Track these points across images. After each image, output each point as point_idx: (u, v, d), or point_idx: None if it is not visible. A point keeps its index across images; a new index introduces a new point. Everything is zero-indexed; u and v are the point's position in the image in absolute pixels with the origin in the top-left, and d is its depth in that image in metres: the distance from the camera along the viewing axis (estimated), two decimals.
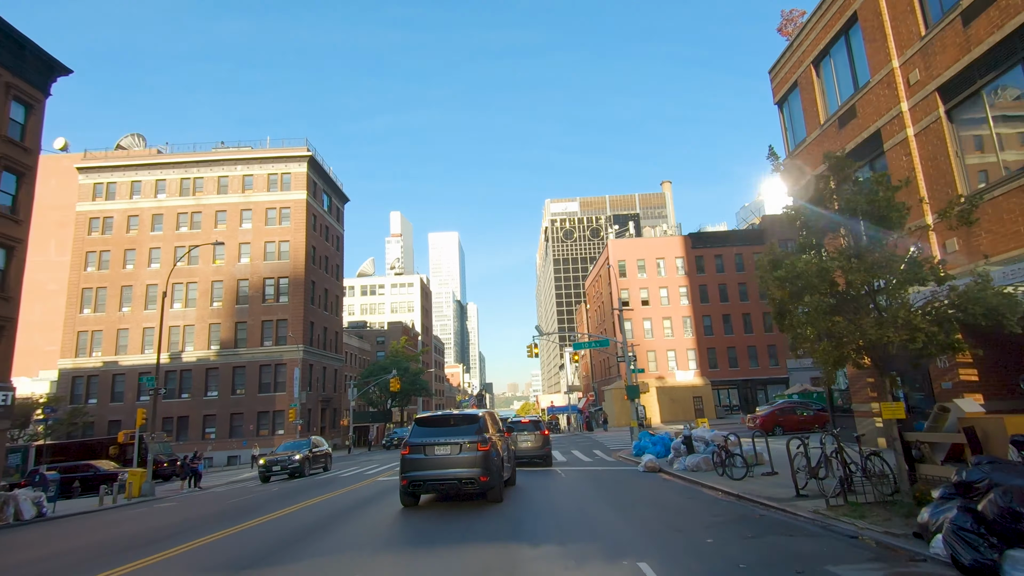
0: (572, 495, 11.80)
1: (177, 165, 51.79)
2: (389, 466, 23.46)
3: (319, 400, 51.03)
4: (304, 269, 49.29)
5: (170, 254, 49.96)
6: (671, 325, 50.02)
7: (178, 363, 47.89)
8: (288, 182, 51.41)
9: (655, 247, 48.08)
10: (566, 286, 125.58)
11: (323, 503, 13.07)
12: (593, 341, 23.32)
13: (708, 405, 47.26)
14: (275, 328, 48.19)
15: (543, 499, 11.29)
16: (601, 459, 20.55)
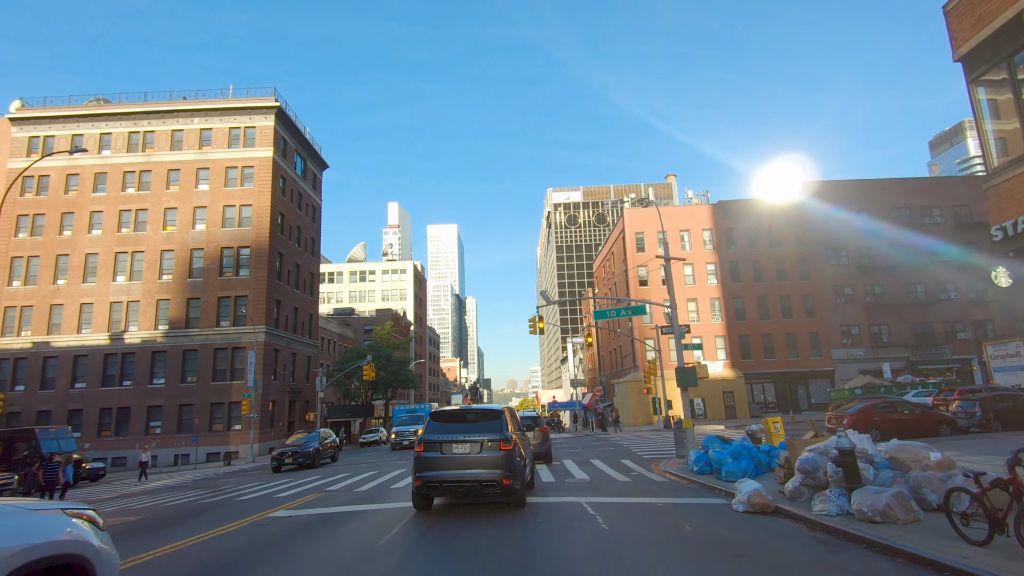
0: None
1: (125, 116, 44.64)
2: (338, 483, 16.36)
3: (286, 391, 44.02)
4: (269, 238, 42.18)
5: (114, 219, 42.94)
6: (697, 308, 42.95)
7: (119, 345, 40.89)
8: (252, 137, 44.27)
9: (678, 217, 41.15)
10: (569, 275, 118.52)
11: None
12: (623, 308, 16.23)
13: (740, 401, 40.26)
14: (233, 306, 41.15)
15: None
16: (641, 476, 13.60)
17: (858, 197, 44.55)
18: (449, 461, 9.18)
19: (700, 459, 12.87)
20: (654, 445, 22.38)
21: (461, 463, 9.15)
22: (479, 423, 9.68)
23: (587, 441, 27.46)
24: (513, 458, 9.27)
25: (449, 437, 9.36)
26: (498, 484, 9.01)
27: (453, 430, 9.52)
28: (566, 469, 15.09)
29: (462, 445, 9.23)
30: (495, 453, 9.12)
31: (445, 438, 9.36)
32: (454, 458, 9.18)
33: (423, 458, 9.30)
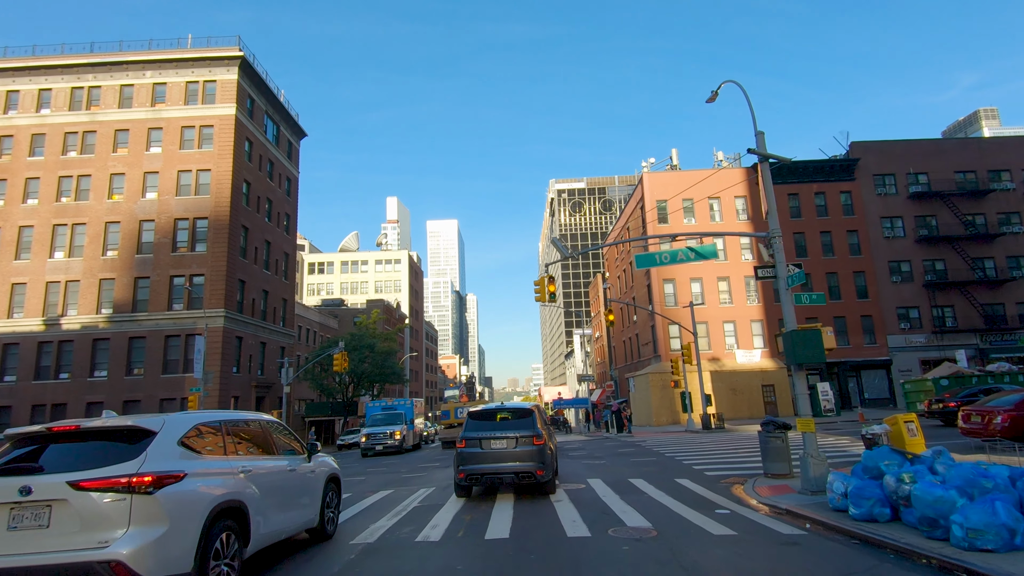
0: None
1: (67, 69, 38.69)
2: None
3: (252, 385, 38.08)
4: (230, 207, 36.20)
5: (52, 186, 37.05)
6: (729, 288, 36.83)
7: (56, 331, 35.02)
8: (212, 93, 38.27)
9: (707, 182, 35.14)
10: (574, 265, 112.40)
11: None
12: (681, 250, 10.23)
13: (783, 396, 34.19)
14: (188, 286, 35.19)
15: None
16: (740, 520, 8.08)
17: (915, 159, 38.40)
18: (488, 455, 10.02)
19: (863, 492, 6.86)
20: (702, 453, 16.42)
21: (499, 456, 9.99)
22: (513, 421, 10.49)
23: (609, 446, 21.42)
24: (544, 451, 10.07)
25: (487, 434, 10.22)
26: (532, 475, 9.81)
27: (490, 427, 10.36)
28: (602, 503, 9.07)
29: (499, 441, 10.12)
30: (529, 447, 9.97)
31: (484, 435, 10.21)
32: (492, 452, 10.03)
33: (465, 453, 10.12)
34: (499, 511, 8.63)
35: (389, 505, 9.95)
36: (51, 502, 4.25)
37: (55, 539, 4.19)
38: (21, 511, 4.25)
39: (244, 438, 6.08)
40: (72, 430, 4.80)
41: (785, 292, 9.53)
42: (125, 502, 4.31)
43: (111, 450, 4.65)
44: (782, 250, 9.65)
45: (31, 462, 4.57)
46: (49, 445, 4.76)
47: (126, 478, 4.37)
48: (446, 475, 14.61)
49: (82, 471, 4.37)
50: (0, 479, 4.38)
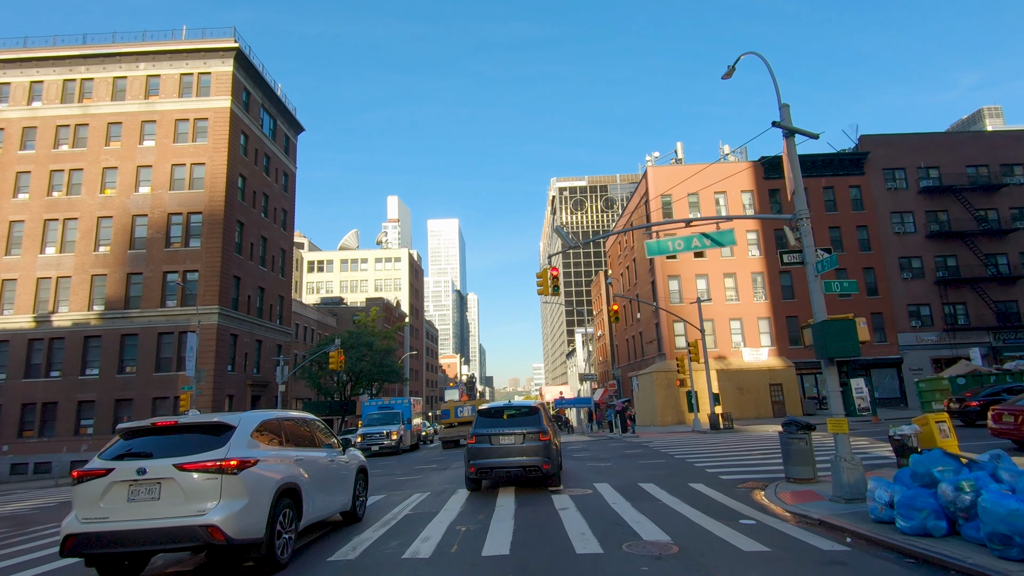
0: None
1: (59, 61, 37.90)
2: None
3: (248, 384, 37.27)
4: (225, 202, 35.38)
5: (44, 180, 36.30)
6: (735, 284, 35.92)
7: (46, 328, 34.24)
8: (207, 85, 37.43)
9: (713, 176, 34.23)
10: (575, 264, 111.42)
11: None
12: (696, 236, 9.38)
13: (791, 395, 33.26)
14: (182, 282, 34.39)
15: None
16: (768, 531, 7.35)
17: (926, 153, 37.46)
18: (496, 451, 10.47)
19: (914, 503, 6.01)
20: (714, 455, 15.57)
21: (507, 452, 10.43)
22: (520, 418, 11.04)
23: (614, 447, 20.55)
24: (550, 446, 10.57)
25: (496, 431, 10.63)
26: (539, 469, 10.30)
27: (499, 424, 10.83)
28: (612, 512, 8.21)
29: (507, 437, 10.56)
30: (535, 443, 10.45)
31: (492, 431, 10.63)
32: (501, 448, 10.48)
33: (475, 448, 10.59)
34: (498, 521, 7.78)
35: (378, 513, 9.11)
36: (160, 480, 5.39)
37: (164, 508, 5.33)
38: (137, 487, 5.41)
39: (295, 433, 7.21)
40: (171, 425, 5.90)
41: (814, 279, 8.68)
42: (216, 480, 5.43)
43: (202, 440, 5.73)
44: (810, 233, 8.81)
45: (143, 449, 5.68)
46: (153, 436, 5.85)
47: (217, 462, 5.49)
48: (443, 478, 13.78)
49: (183, 456, 5.51)
50: (120, 462, 5.52)
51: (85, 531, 5.31)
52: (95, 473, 5.47)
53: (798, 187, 8.73)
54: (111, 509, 5.36)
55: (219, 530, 5.24)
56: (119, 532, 5.26)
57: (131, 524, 5.27)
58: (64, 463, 32.63)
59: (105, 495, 5.40)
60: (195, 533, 5.23)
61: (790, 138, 8.87)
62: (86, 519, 5.38)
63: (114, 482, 5.40)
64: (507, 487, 11.21)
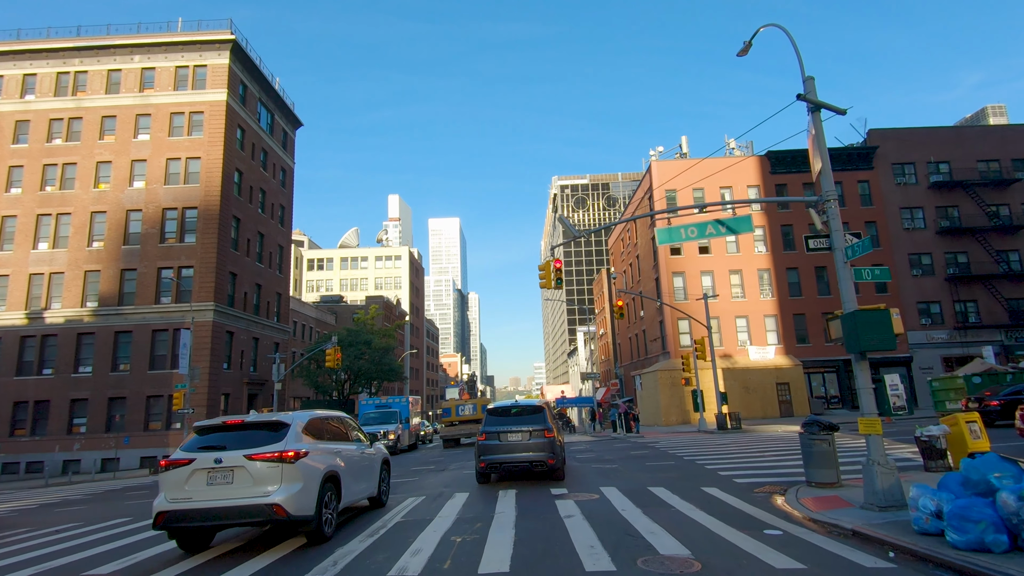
0: None
1: (53, 54, 37.26)
2: None
3: (244, 382, 36.62)
4: (220, 197, 34.72)
5: (37, 174, 35.69)
6: (742, 281, 35.16)
7: (39, 325, 33.64)
8: (203, 78, 36.78)
9: (718, 171, 33.48)
10: (577, 263, 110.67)
11: None
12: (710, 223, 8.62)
13: (799, 395, 32.50)
14: (176, 279, 33.76)
15: None
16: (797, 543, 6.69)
17: (936, 148, 36.68)
18: (505, 447, 11.30)
19: (969, 514, 5.32)
20: (724, 456, 14.88)
21: (515, 448, 11.26)
22: (526, 416, 11.76)
23: (619, 448, 19.83)
24: (555, 443, 11.40)
25: (504, 428, 11.44)
26: (544, 463, 11.10)
27: (506, 422, 11.63)
28: (622, 520, 7.51)
29: (515, 434, 11.34)
30: (541, 439, 11.24)
31: (501, 429, 11.43)
32: (509, 444, 11.30)
33: (485, 444, 11.42)
34: (497, 530, 7.07)
35: (367, 520, 8.42)
36: (233, 467, 6.43)
37: (237, 490, 6.36)
38: (215, 473, 6.45)
39: (332, 429, 8.29)
40: (239, 423, 6.99)
41: (843, 266, 7.96)
42: (278, 468, 6.47)
43: (263, 435, 6.80)
44: (838, 216, 8.09)
45: (216, 443, 6.72)
46: (223, 432, 6.93)
47: (278, 452, 6.53)
48: (440, 480, 13.08)
49: (250, 448, 6.55)
50: (201, 453, 6.59)
51: (173, 508, 6.45)
52: (180, 462, 6.64)
53: (825, 166, 8.02)
54: (193, 491, 6.50)
55: (282, 507, 6.36)
56: (201, 509, 6.39)
57: (211, 503, 6.41)
58: (56, 462, 32.02)
59: (188, 480, 6.55)
60: (263, 510, 6.34)
61: (816, 113, 8.15)
62: (173, 499, 6.51)
63: (196, 469, 6.56)
64: (508, 490, 10.52)
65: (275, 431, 6.89)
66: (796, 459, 13.36)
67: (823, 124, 8.21)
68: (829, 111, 8.16)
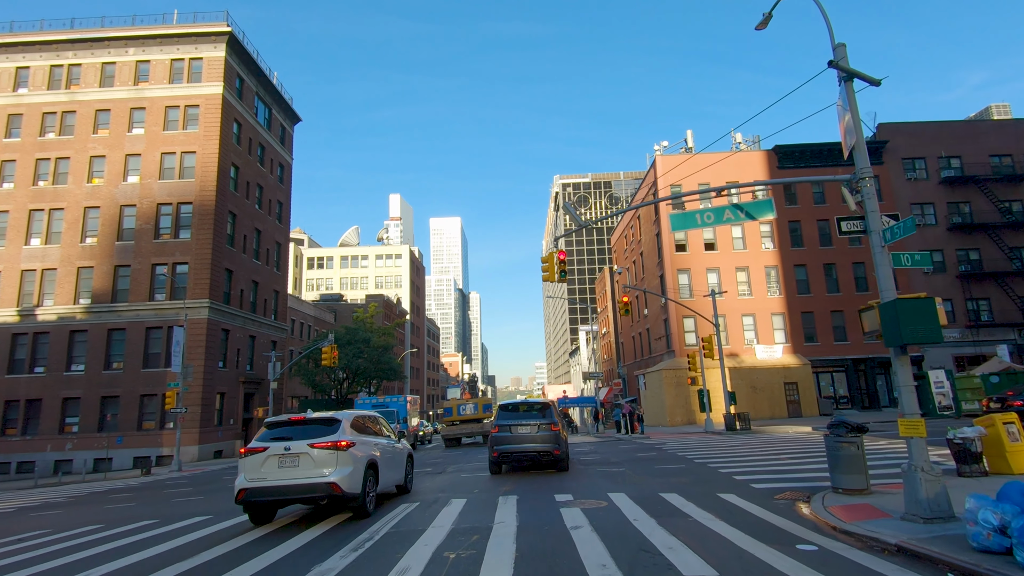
0: None
1: (46, 46, 36.62)
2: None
3: (240, 381, 35.94)
4: (216, 192, 34.05)
5: (29, 169, 35.07)
6: (748, 279, 34.38)
7: (31, 323, 33.00)
8: (198, 71, 36.10)
9: (725, 166, 32.70)
10: (579, 262, 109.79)
11: None
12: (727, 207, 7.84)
13: (807, 395, 31.71)
14: (171, 275, 33.10)
15: None
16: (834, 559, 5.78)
17: (947, 142, 35.86)
18: (516, 438, 12.75)
19: None
20: (736, 459, 14.15)
21: (524, 439, 12.72)
22: (534, 412, 13.14)
23: (625, 450, 19.07)
24: (560, 436, 12.89)
25: (515, 422, 12.93)
26: (550, 454, 12.68)
27: (517, 417, 13.10)
28: (636, 532, 6.80)
29: (524, 428, 12.83)
30: (548, 433, 12.72)
31: (512, 422, 12.94)
32: (519, 436, 12.75)
33: (497, 436, 12.90)
34: (496, 545, 6.33)
35: (354, 531, 7.68)
36: (299, 454, 8.01)
37: (301, 472, 7.95)
38: (284, 459, 8.05)
39: (369, 426, 9.77)
40: (301, 419, 8.59)
41: (881, 251, 7.22)
42: (334, 454, 8.06)
43: (321, 429, 8.41)
44: (874, 196, 7.35)
45: (284, 435, 8.29)
46: (289, 427, 8.51)
47: (334, 442, 8.14)
48: (436, 484, 12.34)
49: (312, 439, 8.16)
50: (272, 443, 8.18)
51: (251, 486, 7.93)
52: (256, 450, 8.17)
53: (859, 140, 7.26)
54: (268, 472, 8.00)
55: (337, 485, 7.87)
56: (274, 486, 7.90)
57: (282, 481, 7.91)
58: (48, 462, 31.38)
59: (264, 463, 8.04)
60: (323, 487, 7.84)
61: (848, 83, 7.39)
62: (251, 479, 8.00)
63: (269, 455, 8.06)
64: (509, 496, 9.78)
65: (329, 426, 8.50)
66: (815, 462, 12.61)
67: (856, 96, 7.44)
68: (863, 82, 7.39)
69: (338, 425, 8.47)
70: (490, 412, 29.48)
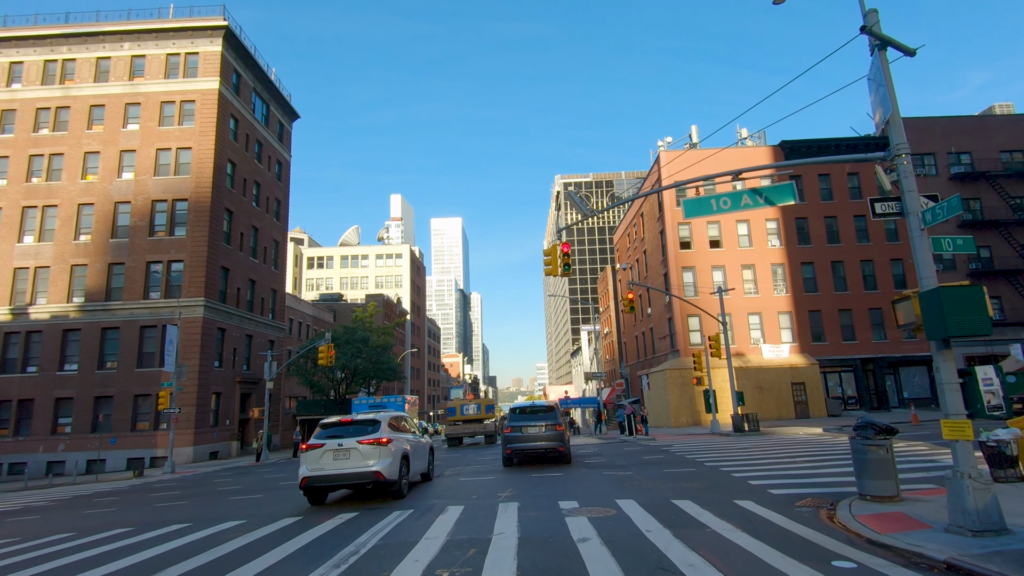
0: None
1: (40, 41, 36.07)
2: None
3: (236, 380, 35.30)
4: (212, 188, 33.44)
5: (22, 165, 34.49)
6: (754, 277, 33.67)
7: (23, 321, 32.41)
8: (194, 66, 35.51)
9: (730, 162, 32.04)
10: (581, 262, 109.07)
11: None
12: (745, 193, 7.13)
13: (815, 395, 30.98)
14: (166, 273, 32.51)
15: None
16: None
17: (957, 138, 35.15)
18: (525, 437, 14.84)
19: None
20: (748, 462, 13.51)
21: (533, 438, 14.82)
22: (541, 414, 15.32)
23: (631, 452, 18.39)
24: (564, 435, 15.01)
25: (524, 423, 15.05)
26: (556, 451, 14.87)
27: (527, 418, 15.24)
28: (650, 545, 6.19)
29: (533, 428, 14.91)
30: (553, 432, 14.81)
31: (522, 423, 15.03)
32: (529, 435, 14.84)
33: (510, 436, 14.97)
34: (495, 562, 5.67)
35: (340, 541, 7.02)
36: (350, 449, 9.98)
37: (352, 463, 9.90)
38: (338, 452, 9.99)
39: (401, 425, 11.77)
40: (349, 421, 10.66)
41: (920, 234, 6.57)
42: (377, 448, 10.06)
43: (365, 428, 10.44)
44: (911, 174, 6.71)
45: (336, 433, 10.33)
46: (340, 427, 10.55)
47: (377, 439, 10.14)
48: (432, 489, 11.69)
49: (359, 436, 10.16)
50: (328, 440, 10.15)
51: (312, 475, 9.82)
52: (315, 446, 10.02)
53: (895, 113, 6.62)
54: (324, 464, 9.89)
55: (381, 474, 9.84)
56: (331, 475, 9.82)
57: (337, 471, 9.83)
58: (40, 463, 30.77)
59: (321, 457, 9.92)
60: (370, 475, 9.80)
61: (882, 51, 6.74)
62: (312, 470, 9.87)
63: (326, 450, 9.94)
64: (509, 503, 9.13)
65: (372, 426, 10.49)
66: (832, 465, 11.96)
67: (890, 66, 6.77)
68: (897, 51, 6.73)
69: (379, 425, 10.50)
70: (492, 413, 30.15)
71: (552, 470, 13.71)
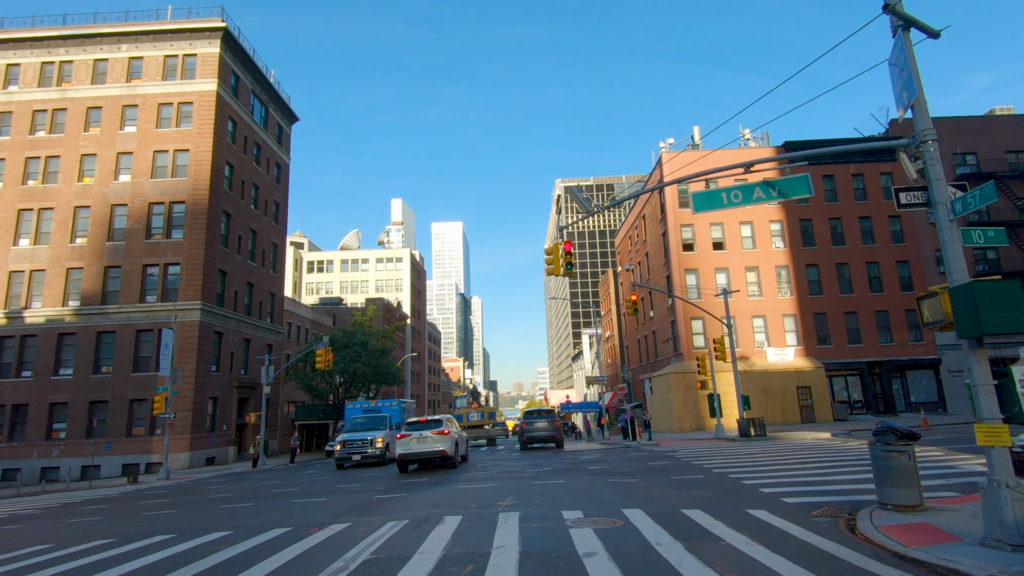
0: None
1: (37, 43, 35.85)
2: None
3: (233, 385, 34.85)
4: (209, 191, 33.12)
5: (19, 167, 34.24)
6: (758, 279, 33.22)
7: (18, 325, 32.05)
8: (192, 68, 35.26)
9: (732, 162, 31.67)
10: (581, 265, 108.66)
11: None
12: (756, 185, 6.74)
13: (820, 399, 30.45)
14: (162, 276, 32.14)
15: None
16: None
17: (963, 138, 34.78)
18: (533, 430, 24.56)
19: None
20: (757, 468, 13.07)
21: (538, 430, 24.50)
22: (544, 415, 25.21)
23: (635, 458, 17.92)
24: (560, 429, 24.93)
25: (533, 421, 24.82)
26: (554, 439, 24.64)
27: (533, 418, 25.03)
28: (662, 561, 5.81)
29: (539, 423, 24.63)
30: (552, 427, 24.68)
31: (531, 421, 24.87)
32: (535, 428, 24.57)
33: (525, 429, 24.78)
34: None
35: (330, 554, 6.58)
36: (426, 436, 17.13)
37: (428, 446, 17.03)
38: (420, 440, 17.13)
39: (452, 423, 18.92)
40: (424, 421, 17.68)
41: (949, 225, 6.16)
42: (442, 437, 17.15)
43: (434, 424, 17.56)
44: (938, 162, 6.29)
45: (417, 428, 17.45)
46: (419, 424, 17.64)
47: (442, 431, 17.27)
48: (430, 498, 11.22)
49: (431, 429, 17.30)
50: (412, 431, 17.36)
51: (403, 453, 16.78)
52: (406, 436, 16.99)
53: (920, 97, 6.21)
54: (411, 447, 16.81)
55: (445, 452, 16.89)
56: (415, 453, 16.84)
57: (419, 451, 16.82)
58: (34, 469, 30.32)
59: (408, 442, 16.85)
60: (439, 454, 16.83)
61: (905, 32, 6.35)
62: (403, 450, 16.78)
63: (412, 438, 16.88)
64: (509, 512, 8.68)
65: (437, 424, 17.14)
66: (846, 472, 11.51)
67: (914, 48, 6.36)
68: (920, 32, 6.33)
69: (441, 423, 17.22)
70: (494, 419, 36.04)
71: (555, 477, 13.26)
